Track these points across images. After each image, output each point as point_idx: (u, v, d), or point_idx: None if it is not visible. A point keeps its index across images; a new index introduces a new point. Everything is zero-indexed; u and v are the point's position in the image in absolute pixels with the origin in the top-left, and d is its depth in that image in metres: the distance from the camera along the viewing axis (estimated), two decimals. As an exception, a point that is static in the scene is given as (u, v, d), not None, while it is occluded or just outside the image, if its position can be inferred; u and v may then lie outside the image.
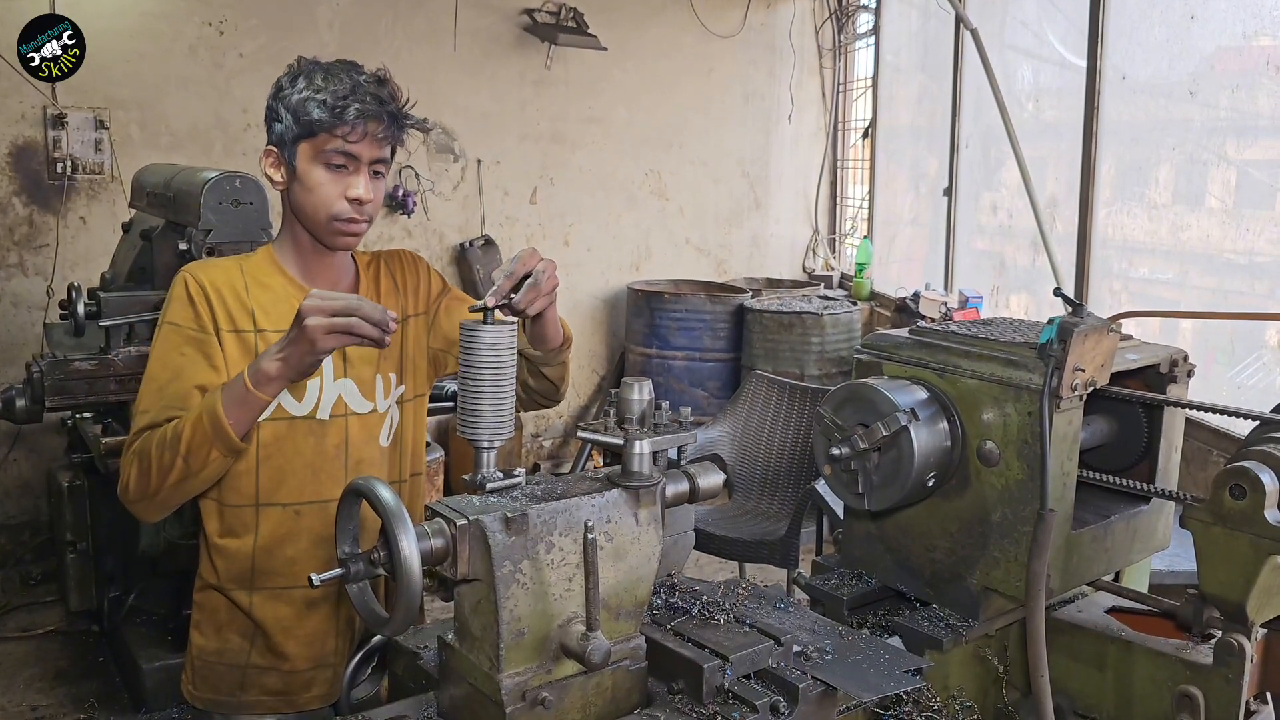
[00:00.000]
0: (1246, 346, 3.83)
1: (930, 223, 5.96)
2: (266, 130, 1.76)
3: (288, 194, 1.77)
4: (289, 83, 1.71)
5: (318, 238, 1.78)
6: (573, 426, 6.26)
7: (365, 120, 1.68)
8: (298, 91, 1.68)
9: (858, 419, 1.54)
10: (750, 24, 6.41)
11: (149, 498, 1.64)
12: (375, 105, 1.70)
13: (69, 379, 3.17)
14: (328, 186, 1.71)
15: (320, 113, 1.66)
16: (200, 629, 1.86)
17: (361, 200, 1.73)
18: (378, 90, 1.72)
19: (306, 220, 1.76)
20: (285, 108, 1.70)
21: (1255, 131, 3.83)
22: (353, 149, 1.70)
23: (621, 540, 1.29)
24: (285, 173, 1.74)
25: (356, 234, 1.77)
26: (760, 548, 3.59)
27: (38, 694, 3.73)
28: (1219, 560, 1.40)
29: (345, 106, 1.67)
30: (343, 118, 1.67)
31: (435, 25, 5.54)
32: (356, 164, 1.72)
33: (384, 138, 1.72)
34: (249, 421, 1.59)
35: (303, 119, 1.67)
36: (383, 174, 1.77)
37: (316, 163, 1.70)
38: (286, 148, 1.72)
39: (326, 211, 1.73)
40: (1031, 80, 5.09)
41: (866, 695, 1.33)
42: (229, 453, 1.59)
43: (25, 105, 4.66)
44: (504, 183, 5.90)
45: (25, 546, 4.76)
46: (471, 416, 1.41)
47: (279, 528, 1.78)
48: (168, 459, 1.59)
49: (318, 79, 1.69)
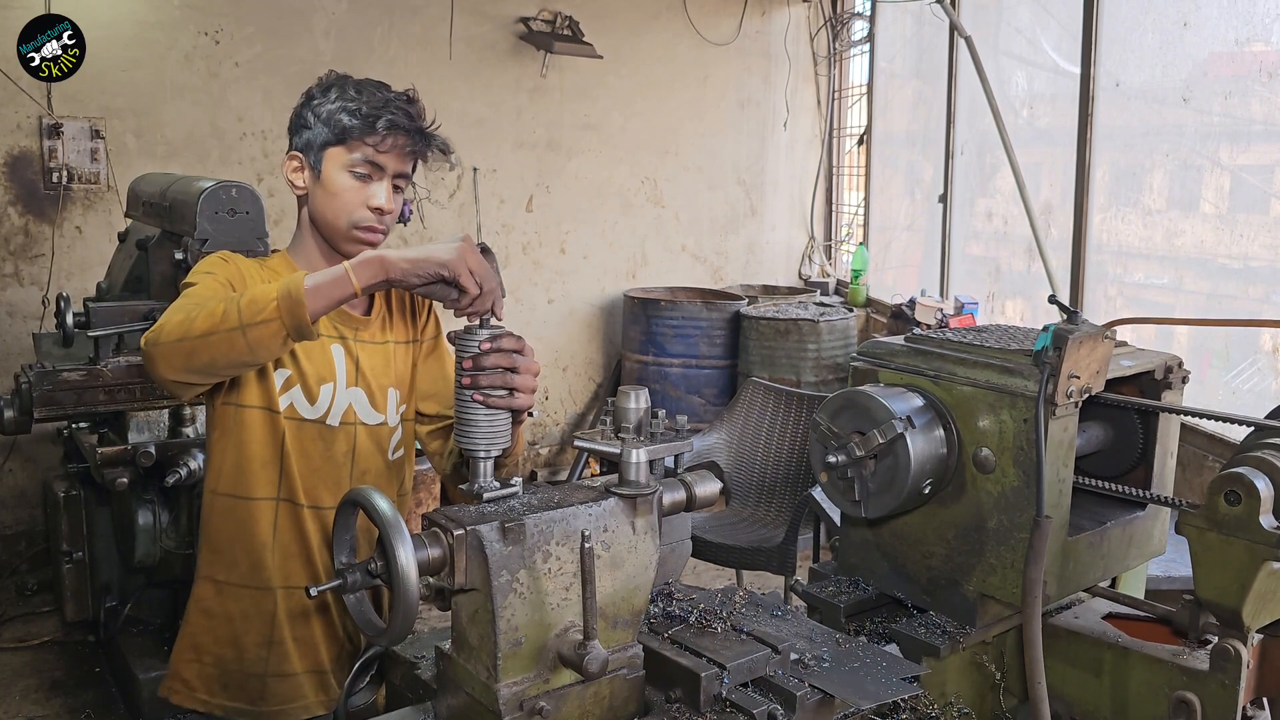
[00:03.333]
0: (1241, 351, 3.84)
1: (925, 229, 5.97)
2: (291, 135, 1.81)
3: (308, 199, 1.80)
4: (321, 92, 1.78)
5: (335, 245, 1.80)
6: (569, 435, 6.26)
7: (395, 132, 1.75)
8: (330, 100, 1.75)
9: (854, 426, 1.54)
10: (745, 31, 6.43)
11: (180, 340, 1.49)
12: (406, 120, 1.76)
13: (57, 390, 3.16)
14: (351, 193, 1.76)
15: (353, 120, 1.73)
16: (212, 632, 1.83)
17: (383, 210, 1.77)
18: (408, 107, 1.78)
19: (326, 226, 1.79)
20: (315, 115, 1.76)
21: (1249, 137, 3.84)
22: (380, 159, 1.75)
23: (618, 549, 1.30)
24: (308, 178, 1.79)
25: (374, 244, 1.79)
26: (757, 555, 3.59)
27: (34, 704, 3.71)
28: (1215, 566, 1.40)
29: (378, 117, 1.73)
30: (374, 127, 1.73)
31: (430, 33, 5.55)
32: (381, 174, 1.77)
33: (410, 152, 1.79)
34: (324, 307, 1.47)
35: (335, 125, 1.73)
36: (402, 189, 1.81)
37: (343, 169, 1.75)
38: (314, 153, 1.76)
39: (348, 218, 1.77)
40: (1026, 87, 5.11)
41: (864, 703, 1.33)
42: (292, 328, 1.46)
43: (20, 114, 4.66)
44: (500, 190, 5.90)
45: (21, 556, 4.75)
46: (468, 427, 1.42)
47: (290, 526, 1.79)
48: (220, 308, 1.48)
49: (350, 90, 1.76)
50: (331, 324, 1.79)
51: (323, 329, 1.75)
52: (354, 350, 1.82)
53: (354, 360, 1.81)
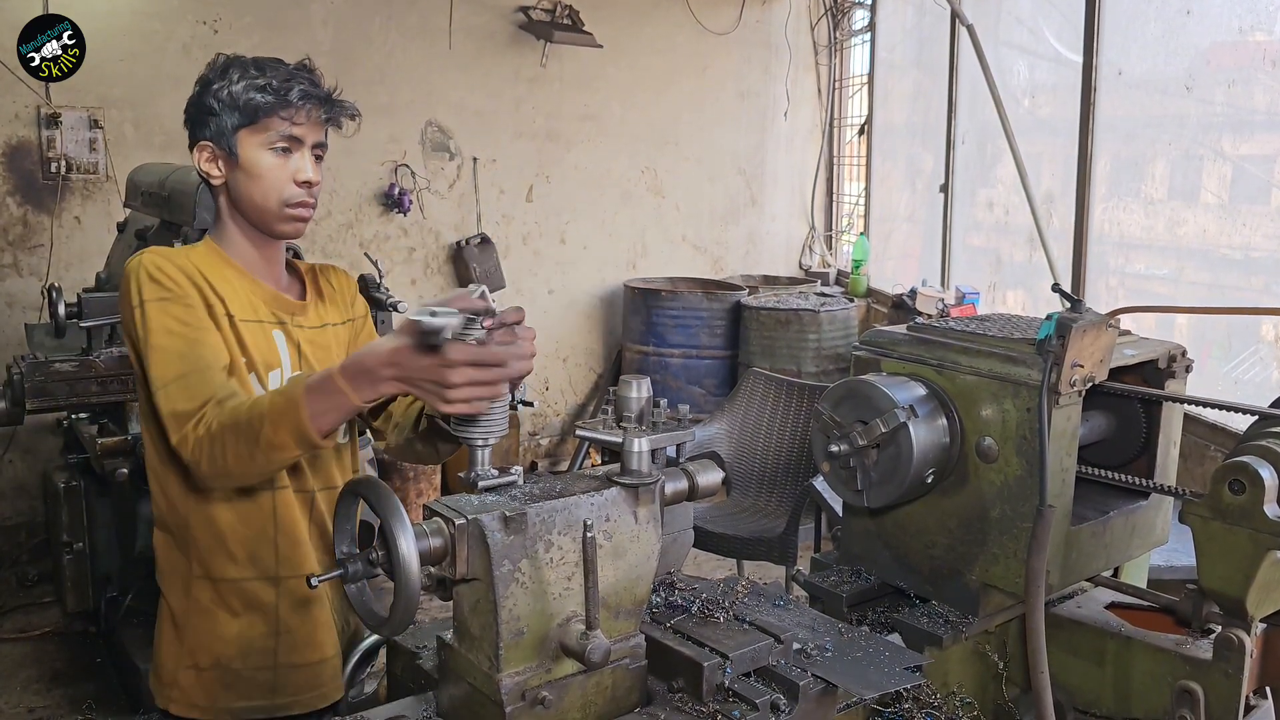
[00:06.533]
0: (1243, 341, 3.84)
1: (926, 219, 5.96)
2: (194, 127, 1.75)
3: (228, 187, 1.76)
4: (218, 76, 1.72)
5: (265, 227, 1.77)
6: (570, 425, 6.25)
7: (309, 102, 1.72)
8: (234, 82, 1.70)
9: (856, 416, 1.53)
10: (745, 21, 6.40)
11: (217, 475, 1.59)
12: (314, 88, 1.73)
13: (49, 380, 3.15)
14: (276, 171, 1.72)
15: (265, 97, 1.69)
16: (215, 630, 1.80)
17: (310, 182, 1.75)
18: (312, 75, 1.76)
19: (253, 210, 1.75)
20: (219, 100, 1.71)
21: (1251, 127, 3.83)
22: (297, 131, 1.72)
23: (620, 538, 1.29)
24: (225, 165, 1.74)
25: (306, 219, 1.77)
26: (759, 545, 3.59)
27: (35, 695, 3.72)
28: (1218, 555, 1.40)
29: (289, 89, 1.70)
30: (288, 99, 1.70)
31: (430, 23, 5.53)
32: (300, 146, 1.74)
33: (325, 119, 1.76)
34: (334, 422, 1.51)
35: (246, 106, 1.69)
36: (322, 158, 1.79)
37: (261, 149, 1.72)
38: (226, 139, 1.72)
39: (277, 196, 1.73)
40: (1027, 76, 5.09)
41: (866, 692, 1.33)
42: (308, 449, 1.53)
43: (19, 105, 4.65)
44: (500, 181, 5.89)
45: (22, 548, 4.75)
46: (465, 415, 1.41)
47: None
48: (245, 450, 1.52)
49: (251, 69, 1.72)
50: (270, 309, 1.77)
51: (261, 314, 1.75)
52: (294, 335, 1.79)
53: (295, 345, 1.78)
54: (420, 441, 1.81)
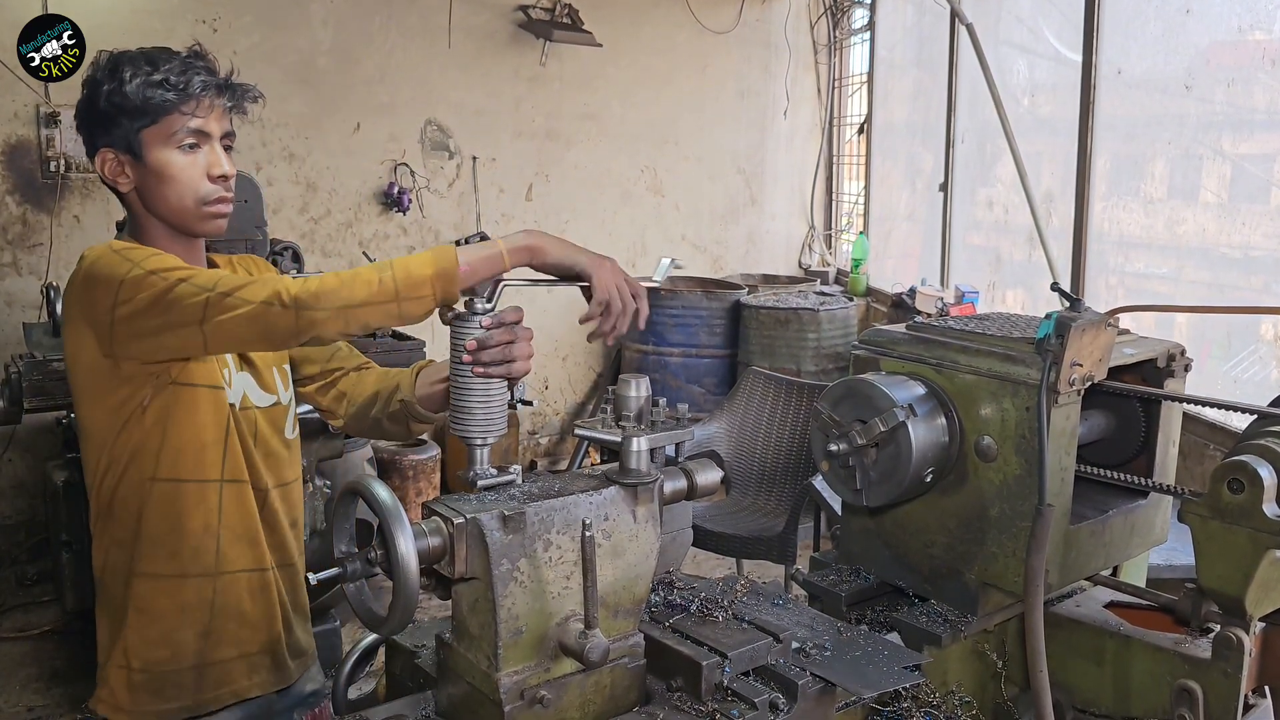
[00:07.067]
0: (1242, 340, 3.84)
1: (926, 218, 5.96)
2: (91, 133, 1.65)
3: (139, 192, 1.67)
4: (109, 77, 1.61)
5: (183, 227, 1.68)
6: (569, 424, 6.25)
7: (210, 92, 1.63)
8: (127, 82, 1.59)
9: (855, 415, 1.53)
10: (745, 20, 6.40)
11: (342, 307, 1.47)
12: (213, 77, 1.65)
13: (47, 379, 3.14)
14: (188, 170, 1.63)
15: (165, 93, 1.59)
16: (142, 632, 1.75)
17: (226, 175, 1.67)
18: (207, 62, 1.66)
19: (170, 213, 1.66)
20: (114, 103, 1.60)
21: (1251, 126, 3.83)
22: (203, 124, 1.63)
23: (619, 538, 1.29)
24: (132, 170, 1.65)
25: (225, 214, 1.70)
26: (758, 544, 3.59)
27: (34, 694, 3.72)
28: (1217, 554, 1.40)
29: (188, 81, 1.61)
30: (190, 92, 1.60)
31: (429, 22, 5.53)
32: (208, 139, 1.65)
33: (230, 106, 1.68)
34: (473, 285, 1.48)
35: (146, 105, 1.59)
36: (232, 147, 1.70)
37: (169, 148, 1.62)
38: (128, 142, 1.62)
39: (193, 195, 1.65)
40: (1027, 75, 5.09)
41: (865, 691, 1.33)
42: (441, 303, 1.47)
43: (18, 104, 4.65)
44: (499, 180, 5.89)
45: (20, 546, 4.75)
46: (463, 414, 1.41)
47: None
48: (375, 278, 1.46)
49: (143, 64, 1.61)
50: None
51: None
52: None
53: None
54: (389, 420, 1.80)
